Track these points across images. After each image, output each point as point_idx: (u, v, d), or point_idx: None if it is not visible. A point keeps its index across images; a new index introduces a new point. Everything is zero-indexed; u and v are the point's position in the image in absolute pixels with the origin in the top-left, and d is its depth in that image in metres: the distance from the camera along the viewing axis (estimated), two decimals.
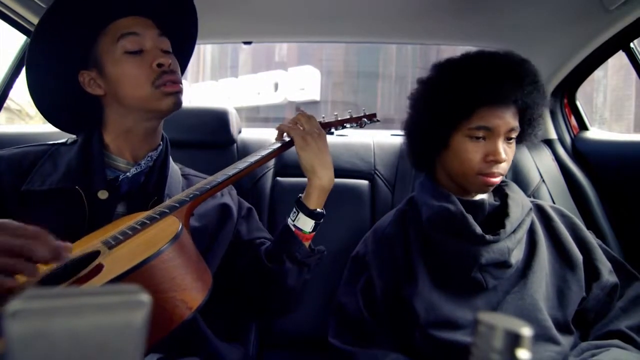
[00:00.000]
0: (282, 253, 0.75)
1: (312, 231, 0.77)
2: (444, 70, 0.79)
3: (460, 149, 0.76)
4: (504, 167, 0.75)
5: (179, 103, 0.74)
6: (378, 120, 0.93)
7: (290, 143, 0.81)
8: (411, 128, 0.84)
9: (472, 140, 0.75)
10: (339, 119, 0.91)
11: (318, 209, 0.77)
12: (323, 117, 0.89)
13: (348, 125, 0.91)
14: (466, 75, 0.74)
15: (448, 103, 0.74)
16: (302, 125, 0.80)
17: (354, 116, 0.92)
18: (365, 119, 0.91)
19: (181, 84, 0.76)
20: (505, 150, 0.74)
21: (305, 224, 0.76)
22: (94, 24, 0.73)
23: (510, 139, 0.76)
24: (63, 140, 0.80)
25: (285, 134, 0.81)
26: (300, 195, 0.79)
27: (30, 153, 0.75)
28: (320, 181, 0.76)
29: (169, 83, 0.72)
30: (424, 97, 0.80)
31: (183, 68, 0.87)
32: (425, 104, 0.79)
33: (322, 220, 0.78)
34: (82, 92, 0.75)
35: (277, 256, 0.75)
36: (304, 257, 0.75)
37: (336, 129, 0.91)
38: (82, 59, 0.75)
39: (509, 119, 0.74)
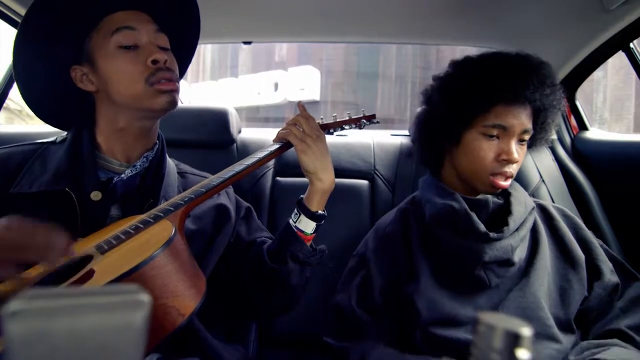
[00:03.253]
0: (285, 253, 0.75)
1: (314, 232, 0.77)
2: (463, 66, 0.79)
3: (474, 147, 0.75)
4: (514, 167, 0.76)
5: (174, 102, 0.71)
6: (377, 122, 0.92)
7: (288, 145, 0.80)
8: (424, 123, 0.84)
9: (485, 138, 0.75)
10: (338, 120, 0.90)
11: (319, 211, 0.77)
12: (322, 119, 0.88)
13: (347, 127, 0.91)
14: (488, 70, 0.74)
15: (467, 97, 0.74)
16: (301, 127, 0.78)
17: (352, 117, 0.91)
18: (364, 120, 0.91)
19: (177, 82, 0.72)
20: (517, 151, 0.74)
21: (307, 225, 0.76)
22: (87, 17, 0.70)
23: (523, 141, 0.76)
24: (52, 139, 0.77)
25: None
26: (301, 196, 0.79)
27: (17, 154, 0.72)
28: (322, 184, 0.76)
29: (163, 80, 0.69)
30: (441, 92, 0.79)
31: (184, 68, 0.85)
32: (441, 98, 0.78)
33: (323, 222, 0.78)
34: (74, 88, 0.73)
35: (280, 256, 0.75)
36: (306, 257, 0.76)
37: (335, 131, 0.90)
38: (75, 53, 0.72)
39: (525, 120, 0.74)
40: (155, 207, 0.65)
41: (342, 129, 0.91)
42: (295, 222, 0.76)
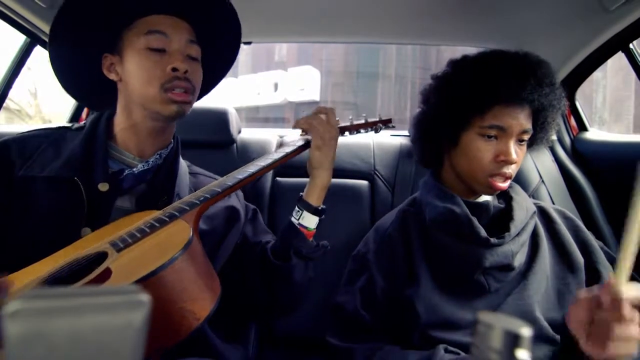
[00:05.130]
0: (289, 249, 0.76)
1: (315, 228, 0.79)
2: (461, 66, 0.78)
3: (471, 147, 0.75)
4: (513, 168, 0.74)
5: (181, 113, 0.73)
6: (393, 126, 0.92)
7: (304, 147, 0.81)
8: (422, 123, 0.83)
9: (483, 139, 0.73)
10: (355, 123, 0.90)
11: (321, 205, 0.79)
12: (337, 120, 0.88)
13: (363, 130, 0.90)
14: (485, 71, 0.73)
15: (463, 98, 0.73)
16: (325, 121, 0.80)
17: (369, 121, 0.91)
18: (380, 124, 0.90)
19: (192, 95, 0.74)
20: (516, 152, 0.73)
21: (310, 221, 0.78)
22: (124, 15, 0.72)
23: (522, 141, 0.75)
24: (69, 125, 0.79)
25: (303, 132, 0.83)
26: (301, 194, 0.80)
27: (35, 137, 0.75)
28: (323, 180, 0.79)
29: (177, 90, 0.71)
30: (438, 92, 0.79)
31: (221, 75, 0.88)
32: (439, 99, 0.78)
33: (323, 216, 0.80)
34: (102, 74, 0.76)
35: (284, 253, 0.77)
36: (310, 252, 0.77)
37: (351, 133, 0.90)
38: (109, 42, 0.74)
39: (523, 120, 0.73)
40: (170, 205, 0.65)
41: (358, 132, 0.90)
42: (298, 219, 0.78)
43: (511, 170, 0.74)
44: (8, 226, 0.67)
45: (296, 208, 0.79)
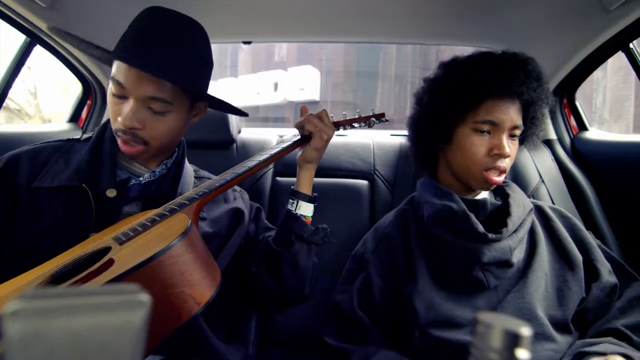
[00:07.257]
0: (290, 235, 0.80)
1: (312, 216, 0.84)
2: (452, 66, 0.80)
3: (465, 142, 0.76)
4: (507, 162, 0.76)
5: (124, 149, 0.71)
6: (387, 120, 0.93)
7: (300, 142, 0.84)
8: (416, 123, 0.85)
9: (477, 134, 0.76)
10: (348, 118, 0.92)
11: (313, 194, 0.86)
12: (332, 116, 0.89)
13: (356, 125, 0.92)
14: (474, 68, 0.76)
15: (456, 94, 0.75)
16: (327, 125, 0.84)
17: (362, 116, 0.92)
18: (373, 119, 0.91)
19: (137, 144, 0.70)
20: (509, 146, 0.75)
21: (307, 209, 0.84)
22: None
23: (514, 136, 0.77)
24: (77, 137, 0.81)
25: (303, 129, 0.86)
26: (292, 187, 0.85)
27: (47, 149, 0.76)
28: (312, 172, 0.87)
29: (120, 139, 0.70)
30: (430, 91, 0.81)
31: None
32: (432, 97, 0.80)
33: (316, 203, 0.86)
34: None
35: (286, 240, 0.80)
36: (311, 235, 0.81)
37: (344, 129, 0.92)
38: None
39: (514, 115, 0.75)
40: (171, 201, 0.67)
41: (352, 127, 0.92)
42: (295, 210, 0.82)
43: (505, 164, 0.76)
44: (14, 234, 0.68)
45: (290, 200, 0.84)
